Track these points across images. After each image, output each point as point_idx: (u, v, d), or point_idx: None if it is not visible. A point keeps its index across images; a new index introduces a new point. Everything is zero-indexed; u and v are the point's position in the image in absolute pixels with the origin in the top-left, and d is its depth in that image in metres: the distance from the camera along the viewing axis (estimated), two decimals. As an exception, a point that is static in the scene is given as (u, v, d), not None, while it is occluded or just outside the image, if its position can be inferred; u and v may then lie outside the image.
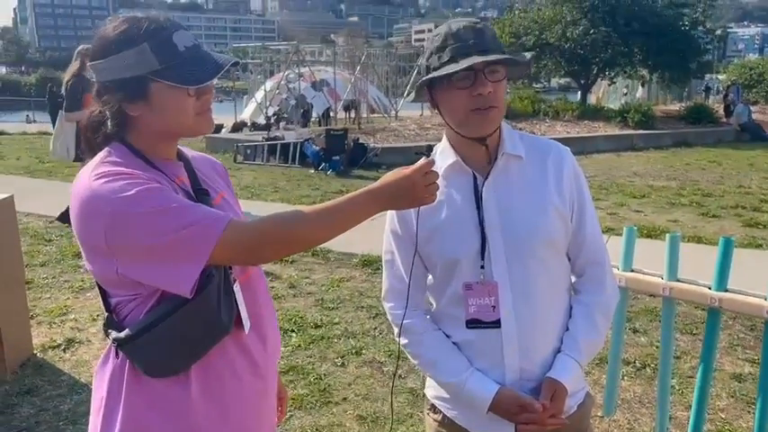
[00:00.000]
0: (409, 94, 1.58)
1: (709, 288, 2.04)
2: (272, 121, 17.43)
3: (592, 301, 1.51)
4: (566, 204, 1.46)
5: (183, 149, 1.38)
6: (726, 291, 2.01)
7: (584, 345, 1.47)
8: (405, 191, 1.24)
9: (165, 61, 1.19)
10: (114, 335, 1.23)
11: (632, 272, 2.23)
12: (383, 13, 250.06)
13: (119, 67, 1.19)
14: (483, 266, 1.42)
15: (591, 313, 1.49)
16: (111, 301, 1.26)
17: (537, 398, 1.41)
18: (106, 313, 1.28)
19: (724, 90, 22.13)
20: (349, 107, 20.62)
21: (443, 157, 1.48)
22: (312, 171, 11.21)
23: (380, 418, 3.09)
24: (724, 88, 22.74)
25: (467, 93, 1.36)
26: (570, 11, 19.06)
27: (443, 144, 1.51)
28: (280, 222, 1.20)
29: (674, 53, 18.20)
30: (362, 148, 11.89)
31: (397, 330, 1.55)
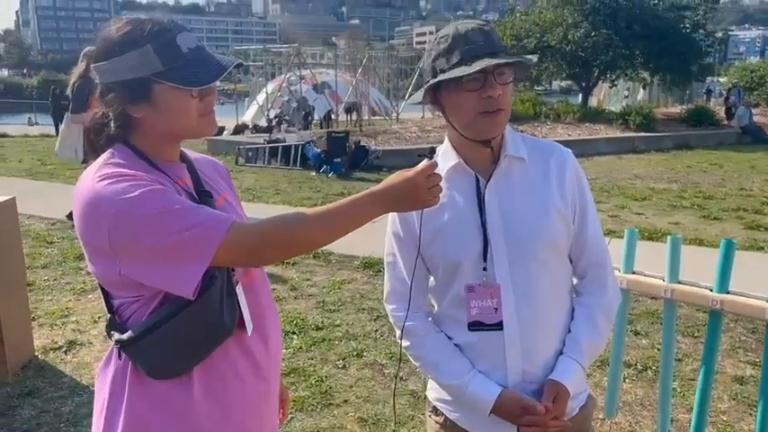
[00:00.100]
0: (411, 96, 1.58)
1: (711, 290, 2.04)
2: (274, 124, 17.46)
3: (593, 302, 1.51)
4: (568, 206, 1.46)
5: (185, 151, 1.38)
6: (727, 293, 2.01)
7: (586, 347, 1.47)
8: (407, 193, 1.23)
9: (168, 63, 1.19)
10: (117, 336, 1.23)
11: (634, 274, 2.23)
12: (384, 15, 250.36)
13: (122, 68, 1.20)
14: (485, 268, 1.42)
15: (593, 315, 1.49)
16: (114, 303, 1.26)
17: (539, 400, 1.41)
18: (108, 315, 1.28)
19: (725, 93, 22.12)
20: (350, 110, 20.65)
21: (445, 158, 1.47)
22: (313, 173, 11.22)
23: (381, 420, 3.09)
24: (725, 91, 22.73)
25: (476, 95, 1.35)
26: (571, 13, 19.06)
27: (445, 146, 1.51)
28: (282, 224, 1.20)
29: (675, 56, 18.21)
30: (364, 150, 11.90)
31: (399, 333, 1.55)
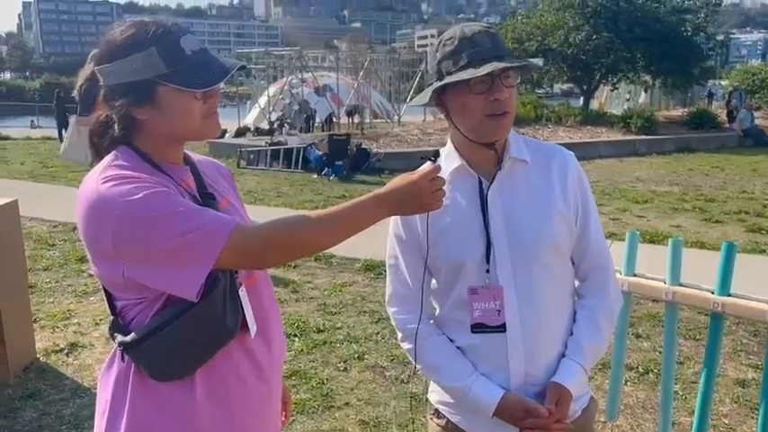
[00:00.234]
0: (414, 98, 1.58)
1: (712, 293, 2.04)
2: (276, 127, 17.49)
3: (596, 305, 1.51)
4: (570, 209, 1.46)
5: (188, 153, 1.39)
6: (729, 295, 2.01)
7: (589, 349, 1.47)
8: (411, 196, 1.23)
9: (172, 65, 1.20)
10: (120, 338, 1.23)
11: (635, 276, 2.23)
12: (386, 18, 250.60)
13: (126, 70, 1.20)
14: (488, 270, 1.42)
15: (595, 318, 1.50)
16: (117, 305, 1.26)
17: (542, 402, 1.41)
18: (111, 317, 1.28)
19: (727, 95, 22.12)
20: (352, 112, 20.66)
21: (448, 160, 1.48)
22: (315, 176, 11.23)
23: (383, 422, 3.09)
24: (727, 94, 22.72)
25: (483, 98, 1.36)
26: (573, 16, 19.07)
27: (448, 148, 1.51)
28: (286, 227, 1.20)
29: (676, 59, 18.22)
30: (365, 153, 11.92)
31: (400, 335, 1.55)
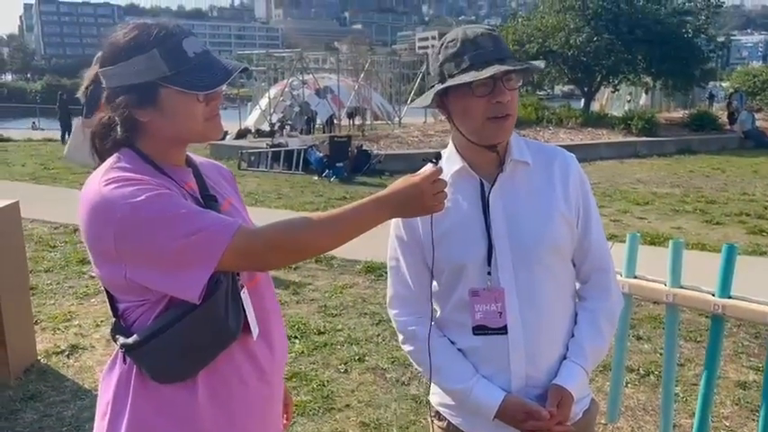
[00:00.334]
0: (416, 100, 1.58)
1: (713, 295, 2.04)
2: (276, 128, 17.52)
3: (597, 307, 1.51)
4: (572, 211, 1.46)
5: (191, 156, 1.39)
6: (729, 297, 2.01)
7: (590, 351, 1.47)
8: (413, 199, 1.23)
9: (174, 67, 1.20)
10: (122, 340, 1.23)
11: (636, 278, 2.23)
12: (387, 20, 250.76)
13: (129, 72, 1.20)
14: (490, 272, 1.42)
15: (596, 319, 1.50)
16: (119, 307, 1.26)
17: (543, 405, 1.41)
18: (113, 319, 1.28)
19: (727, 97, 22.12)
20: (353, 114, 20.71)
21: (450, 162, 1.48)
22: (316, 178, 11.24)
23: (383, 424, 3.09)
24: (727, 95, 22.72)
25: (485, 100, 1.36)
26: (573, 18, 19.08)
27: (449, 150, 1.51)
28: (288, 229, 1.20)
29: (677, 61, 18.21)
30: (366, 154, 11.93)
31: (401, 337, 1.55)
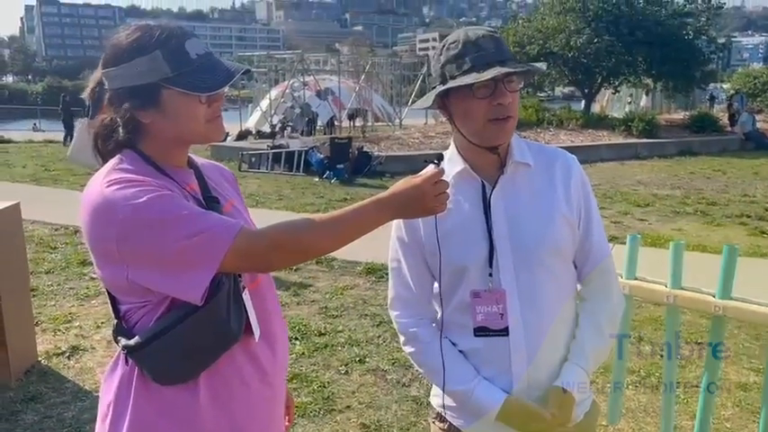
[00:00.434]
0: (417, 101, 1.58)
1: (714, 296, 2.04)
2: (277, 130, 17.50)
3: (598, 308, 1.51)
4: (573, 212, 1.46)
5: (193, 157, 1.39)
6: (730, 299, 2.01)
7: (591, 353, 1.47)
8: (414, 200, 1.23)
9: (177, 68, 1.20)
10: (124, 342, 1.23)
11: (636, 280, 2.23)
12: (387, 22, 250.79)
13: (131, 74, 1.20)
14: (491, 274, 1.42)
15: (597, 321, 1.50)
16: (121, 308, 1.26)
17: (544, 406, 1.41)
18: (115, 320, 1.28)
19: (728, 99, 22.12)
20: (353, 116, 20.70)
21: (451, 164, 1.48)
22: (316, 179, 11.25)
23: (384, 426, 3.09)
24: (728, 97, 22.72)
25: (486, 102, 1.36)
26: (574, 20, 19.07)
27: (451, 151, 1.51)
28: (290, 230, 1.20)
29: (677, 62, 18.20)
30: (366, 156, 11.93)
31: (403, 339, 1.55)
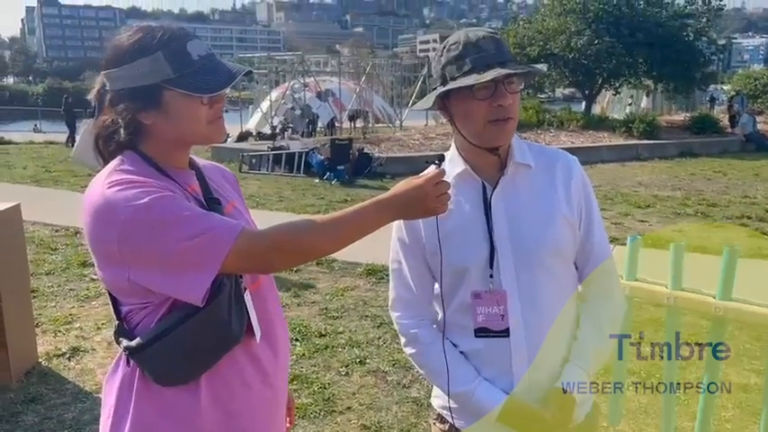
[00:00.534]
0: (417, 102, 1.58)
1: (714, 297, 2.04)
2: (278, 131, 17.52)
3: (600, 309, 1.51)
4: (574, 213, 1.46)
5: (194, 158, 1.39)
6: (730, 300, 2.01)
7: (592, 354, 1.47)
8: (416, 201, 1.23)
9: (178, 70, 1.20)
10: (125, 343, 1.23)
11: (636, 281, 2.23)
12: (388, 23, 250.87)
13: (133, 75, 1.20)
14: (492, 275, 1.42)
15: (599, 322, 1.49)
16: (122, 310, 1.26)
17: (545, 407, 1.41)
18: (116, 321, 1.28)
19: (729, 100, 22.12)
20: (354, 117, 20.71)
21: (452, 165, 1.48)
22: (317, 180, 11.25)
23: (384, 427, 3.09)
24: (729, 98, 22.72)
25: (487, 103, 1.36)
26: (574, 21, 19.07)
27: (452, 152, 1.51)
28: (291, 231, 1.20)
29: (678, 63, 18.20)
30: (367, 157, 11.94)
31: (403, 340, 1.55)
